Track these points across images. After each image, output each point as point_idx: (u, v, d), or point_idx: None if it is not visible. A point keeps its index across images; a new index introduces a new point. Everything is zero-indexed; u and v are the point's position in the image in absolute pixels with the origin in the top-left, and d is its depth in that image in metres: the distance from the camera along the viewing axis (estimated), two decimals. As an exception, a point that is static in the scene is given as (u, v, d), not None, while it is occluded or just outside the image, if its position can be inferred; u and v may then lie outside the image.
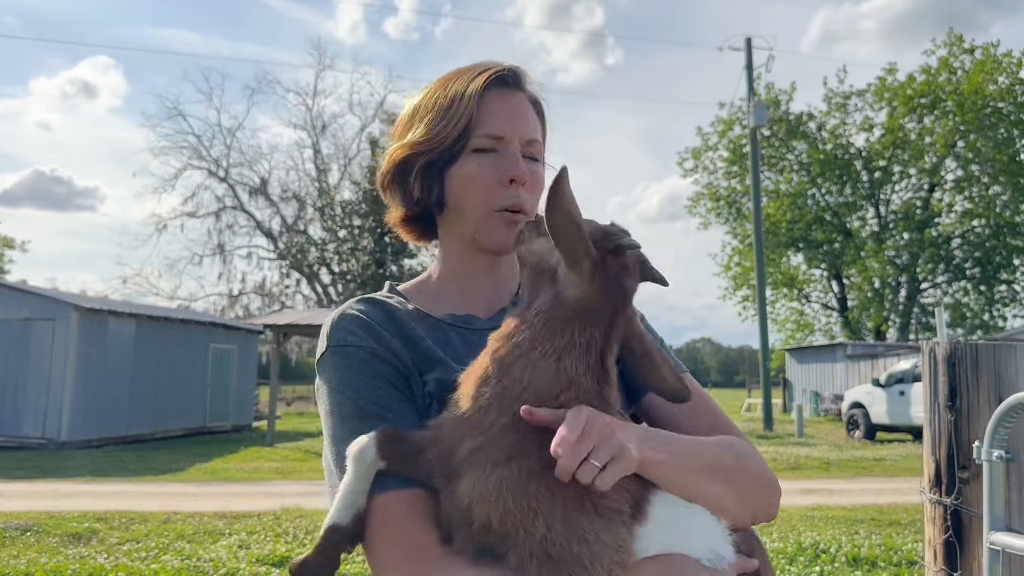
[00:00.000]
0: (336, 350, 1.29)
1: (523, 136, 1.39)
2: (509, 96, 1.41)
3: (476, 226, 1.39)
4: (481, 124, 1.37)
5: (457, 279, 1.45)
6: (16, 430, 16.47)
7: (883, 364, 25.37)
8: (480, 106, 1.37)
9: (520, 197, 1.37)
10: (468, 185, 1.37)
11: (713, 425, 1.35)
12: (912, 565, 6.27)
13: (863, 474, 12.88)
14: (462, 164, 1.37)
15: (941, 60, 35.43)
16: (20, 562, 6.23)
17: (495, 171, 1.37)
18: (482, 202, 1.37)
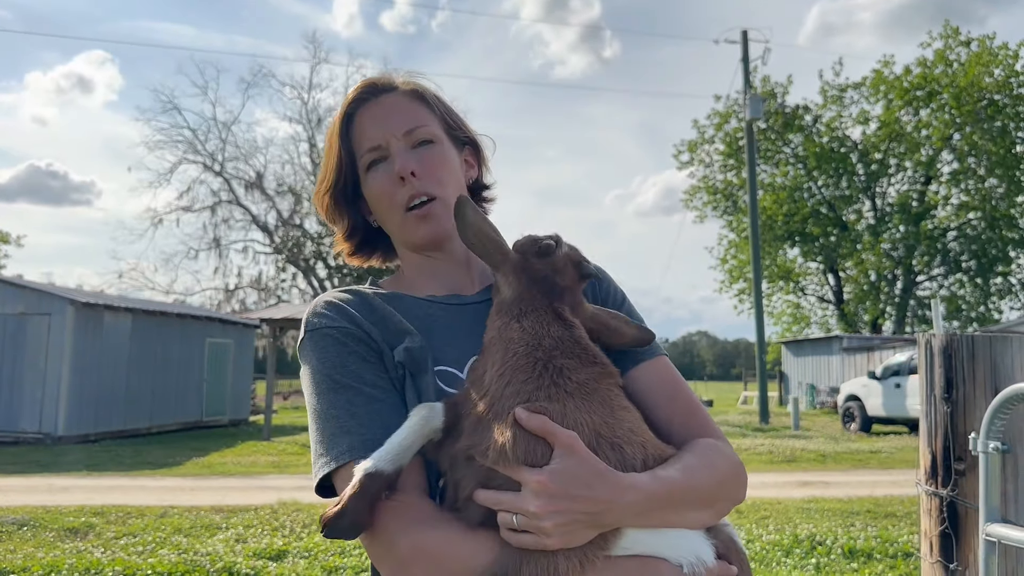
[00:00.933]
0: (312, 334, 1.35)
1: (398, 131, 1.45)
2: (376, 104, 1.48)
3: (399, 233, 1.48)
4: (361, 143, 1.46)
5: (425, 273, 1.50)
6: (12, 425, 16.46)
7: (879, 357, 25.43)
8: (354, 130, 1.47)
9: (416, 186, 1.42)
10: (376, 200, 1.47)
11: (689, 411, 1.38)
12: (908, 557, 6.28)
13: (859, 466, 12.92)
14: (365, 185, 1.47)
15: (937, 53, 35.45)
16: (17, 557, 6.22)
17: (387, 178, 1.43)
18: (391, 209, 1.44)
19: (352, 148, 1.47)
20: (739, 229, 37.22)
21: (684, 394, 1.42)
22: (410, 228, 1.44)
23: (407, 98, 1.49)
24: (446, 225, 1.42)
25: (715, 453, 1.31)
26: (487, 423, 1.14)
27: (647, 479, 1.14)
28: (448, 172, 1.47)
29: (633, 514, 1.12)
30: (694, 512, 1.20)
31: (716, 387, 64.14)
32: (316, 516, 7.68)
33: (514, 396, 1.15)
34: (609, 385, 1.24)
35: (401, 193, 1.42)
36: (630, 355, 1.41)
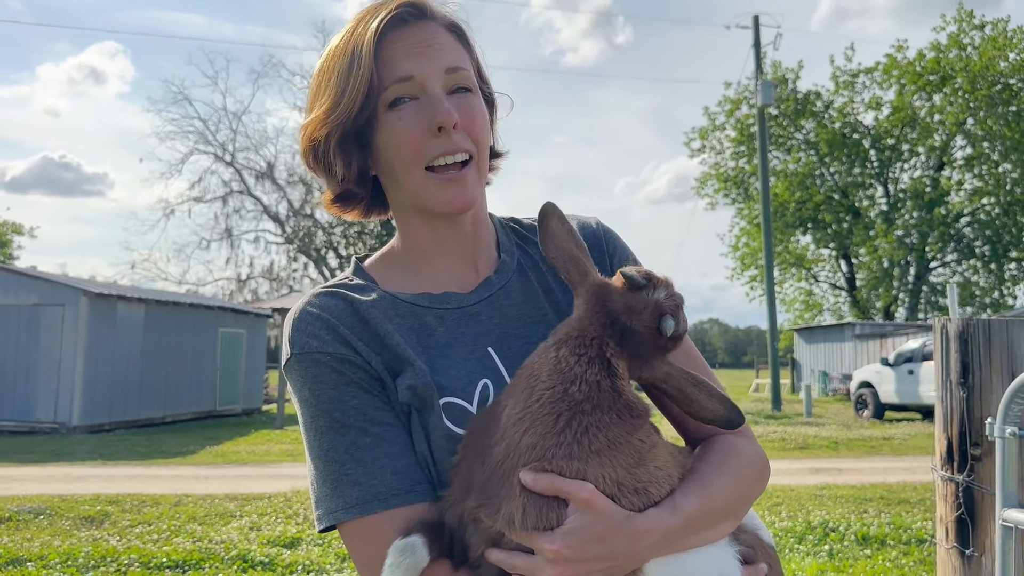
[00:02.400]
0: (301, 358, 1.18)
1: (439, 67, 1.20)
2: (413, 30, 1.22)
3: (414, 192, 1.22)
4: (387, 72, 1.19)
5: (422, 251, 1.30)
6: (28, 415, 16.59)
7: (892, 343, 25.32)
8: (381, 54, 1.19)
9: (453, 140, 1.18)
10: (394, 147, 1.20)
11: None
12: (922, 543, 6.27)
13: (872, 453, 12.88)
14: (381, 125, 1.20)
15: (951, 37, 35.13)
16: (34, 545, 6.28)
17: (418, 122, 1.18)
18: (413, 162, 1.19)
19: (375, 76, 1.18)
20: (751, 216, 37.05)
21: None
22: (432, 190, 1.20)
23: (447, 31, 1.25)
24: (474, 195, 1.23)
25: (735, 458, 1.22)
26: (498, 479, 1.05)
27: (666, 515, 1.08)
28: (485, 132, 1.25)
29: (653, 553, 1.08)
30: (716, 528, 1.15)
31: (728, 375, 64.05)
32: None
33: (529, 451, 1.04)
34: (641, 435, 1.12)
35: (433, 145, 1.18)
36: None
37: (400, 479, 1.14)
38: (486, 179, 1.30)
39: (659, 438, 1.15)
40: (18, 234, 50.44)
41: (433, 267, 1.30)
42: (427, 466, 1.16)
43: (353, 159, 1.24)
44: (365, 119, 1.20)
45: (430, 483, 1.16)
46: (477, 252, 1.32)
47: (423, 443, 1.16)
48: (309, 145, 1.26)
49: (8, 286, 17.15)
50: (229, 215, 38.44)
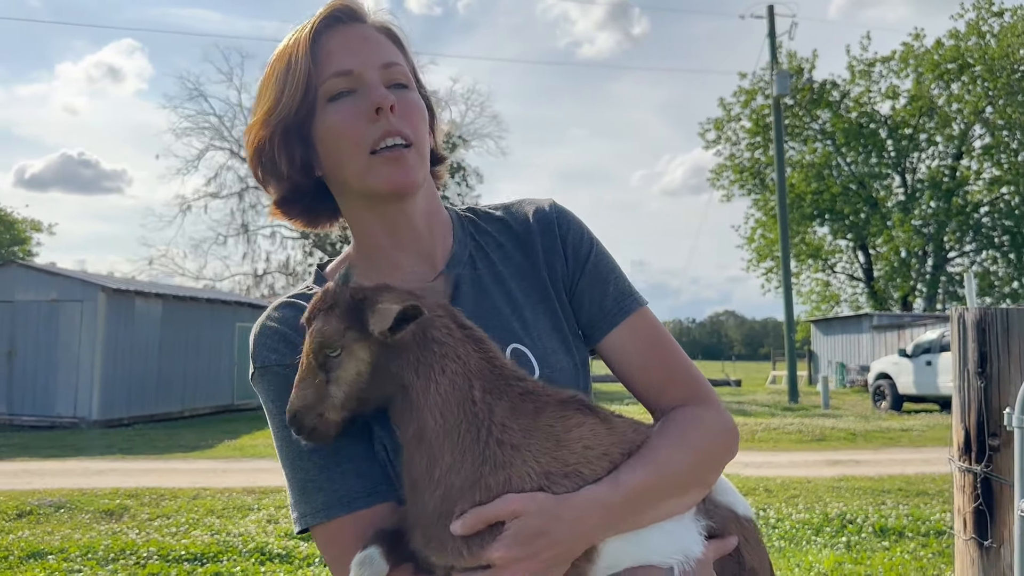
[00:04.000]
0: (263, 372, 1.26)
1: (376, 62, 1.24)
2: (347, 30, 1.26)
3: (359, 177, 1.23)
4: (325, 67, 1.23)
5: (376, 247, 1.32)
6: (48, 410, 16.74)
7: (910, 334, 25.15)
8: (318, 51, 1.23)
9: (391, 122, 1.21)
10: (335, 137, 1.23)
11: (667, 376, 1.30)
12: (940, 535, 6.23)
13: (890, 445, 12.81)
14: (321, 118, 1.23)
15: (969, 24, 34.75)
16: (55, 538, 6.33)
17: (356, 110, 1.22)
18: (354, 148, 1.22)
19: (313, 72, 1.23)
20: (767, 208, 36.84)
21: (659, 357, 1.32)
22: (376, 172, 1.21)
23: (381, 33, 1.30)
24: (417, 176, 1.24)
25: (690, 427, 1.23)
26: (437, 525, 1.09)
27: (606, 491, 1.10)
28: (423, 124, 1.28)
29: (602, 530, 1.10)
30: (674, 500, 1.17)
31: (744, 367, 63.82)
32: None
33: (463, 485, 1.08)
34: (549, 415, 1.15)
35: (372, 130, 1.21)
36: (604, 316, 1.32)
37: (362, 482, 1.19)
38: (427, 168, 1.31)
39: (585, 417, 1.17)
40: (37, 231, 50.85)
41: (390, 263, 1.31)
42: (387, 464, 1.20)
43: (296, 153, 1.26)
44: (305, 114, 1.23)
45: (391, 482, 1.20)
46: (432, 245, 1.33)
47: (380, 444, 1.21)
48: (255, 151, 1.29)
49: (28, 282, 17.29)
50: (245, 210, 38.54)
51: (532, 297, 1.33)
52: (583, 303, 1.34)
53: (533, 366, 1.26)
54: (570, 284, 1.34)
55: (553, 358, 1.28)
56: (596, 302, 1.33)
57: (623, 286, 1.35)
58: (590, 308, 1.33)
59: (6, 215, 49.51)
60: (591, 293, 1.33)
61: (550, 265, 1.34)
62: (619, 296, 1.33)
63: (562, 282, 1.34)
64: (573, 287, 1.34)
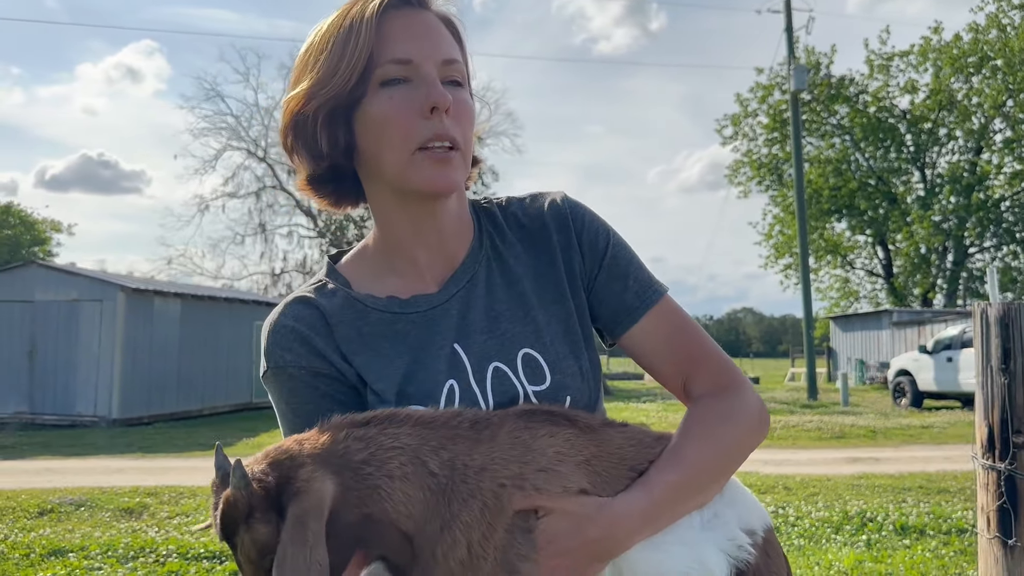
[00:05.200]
0: (277, 372, 1.21)
1: (437, 56, 1.18)
2: (413, 15, 1.20)
3: (399, 171, 1.18)
4: (384, 51, 1.16)
5: (398, 241, 1.27)
6: (69, 409, 16.89)
7: (930, 331, 24.94)
8: (380, 31, 1.16)
9: (444, 124, 1.15)
10: (381, 125, 1.16)
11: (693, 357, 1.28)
12: (962, 533, 6.17)
13: (910, 442, 12.71)
14: (370, 102, 1.17)
15: (989, 17, 34.39)
16: (75, 536, 6.38)
17: (410, 103, 1.15)
18: (401, 142, 1.16)
19: (373, 53, 1.16)
20: (784, 204, 36.65)
21: (683, 345, 1.28)
22: (418, 169, 1.16)
23: (443, 25, 1.24)
24: (458, 180, 1.20)
25: (716, 418, 1.22)
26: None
27: (640, 496, 1.10)
28: (472, 127, 1.24)
29: (638, 535, 1.10)
30: (701, 496, 1.16)
31: (762, 364, 63.55)
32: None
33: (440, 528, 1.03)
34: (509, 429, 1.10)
35: (423, 127, 1.15)
36: (626, 311, 1.29)
37: None
38: (468, 172, 1.26)
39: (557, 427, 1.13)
40: (57, 231, 51.36)
41: (407, 258, 1.27)
42: None
43: (340, 134, 1.20)
44: (359, 94, 1.17)
45: None
46: (454, 245, 1.29)
47: None
48: (292, 120, 1.22)
49: (48, 283, 17.44)
50: (262, 210, 38.72)
51: (546, 298, 1.29)
52: (603, 299, 1.31)
53: (544, 372, 1.23)
54: (588, 281, 1.31)
55: (564, 363, 1.25)
56: (616, 297, 1.30)
57: (643, 277, 1.31)
58: (610, 303, 1.30)
59: (26, 216, 50.03)
60: (611, 288, 1.30)
61: (567, 263, 1.31)
62: (639, 289, 1.30)
63: (580, 279, 1.31)
64: (591, 283, 1.31)
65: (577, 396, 1.24)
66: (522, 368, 1.23)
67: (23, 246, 47.93)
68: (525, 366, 1.23)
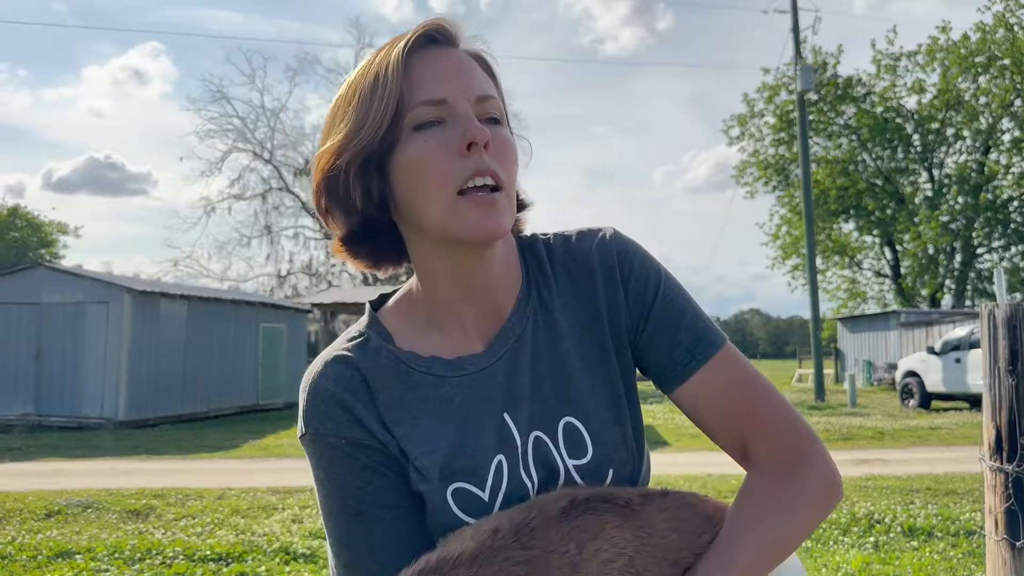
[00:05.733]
0: (316, 438, 1.14)
1: (471, 94, 1.10)
2: (442, 54, 1.13)
3: (440, 219, 1.08)
4: (414, 93, 1.09)
5: (439, 298, 1.18)
6: (75, 410, 16.94)
7: (938, 331, 24.87)
8: (408, 74, 1.10)
9: (484, 162, 1.07)
10: (417, 170, 1.08)
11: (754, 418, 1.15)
12: (971, 535, 6.14)
13: (918, 443, 12.66)
14: (403, 149, 1.09)
15: (997, 17, 34.29)
16: (82, 538, 6.39)
17: (446, 143, 1.07)
18: (439, 185, 1.07)
19: (403, 97, 1.09)
20: (791, 204, 36.59)
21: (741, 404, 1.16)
22: (462, 216, 1.07)
23: (475, 61, 1.17)
24: (506, 223, 1.09)
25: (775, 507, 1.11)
26: None
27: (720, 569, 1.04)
28: (515, 167, 1.15)
29: None
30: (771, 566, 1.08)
31: (770, 365, 63.40)
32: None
33: None
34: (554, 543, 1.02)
35: (462, 166, 1.06)
36: (674, 368, 1.18)
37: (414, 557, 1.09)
38: (514, 215, 1.16)
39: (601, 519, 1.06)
40: (63, 233, 51.57)
41: (452, 313, 1.19)
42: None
43: (373, 186, 1.12)
44: (391, 142, 1.09)
45: None
46: (503, 297, 1.20)
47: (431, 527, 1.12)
48: (324, 179, 1.15)
49: (54, 285, 17.50)
50: (268, 212, 38.96)
51: (590, 358, 1.19)
52: (650, 354, 1.19)
53: (586, 444, 1.15)
54: (634, 335, 1.20)
55: (607, 433, 1.17)
56: (664, 353, 1.18)
57: (696, 329, 1.18)
58: (658, 359, 1.19)
59: (33, 218, 50.25)
60: (657, 342, 1.18)
61: (613, 318, 1.20)
62: (691, 343, 1.17)
63: (626, 335, 1.21)
64: (637, 337, 1.20)
65: (620, 468, 1.16)
66: (563, 439, 1.15)
67: (30, 248, 48.14)
68: (566, 437, 1.15)
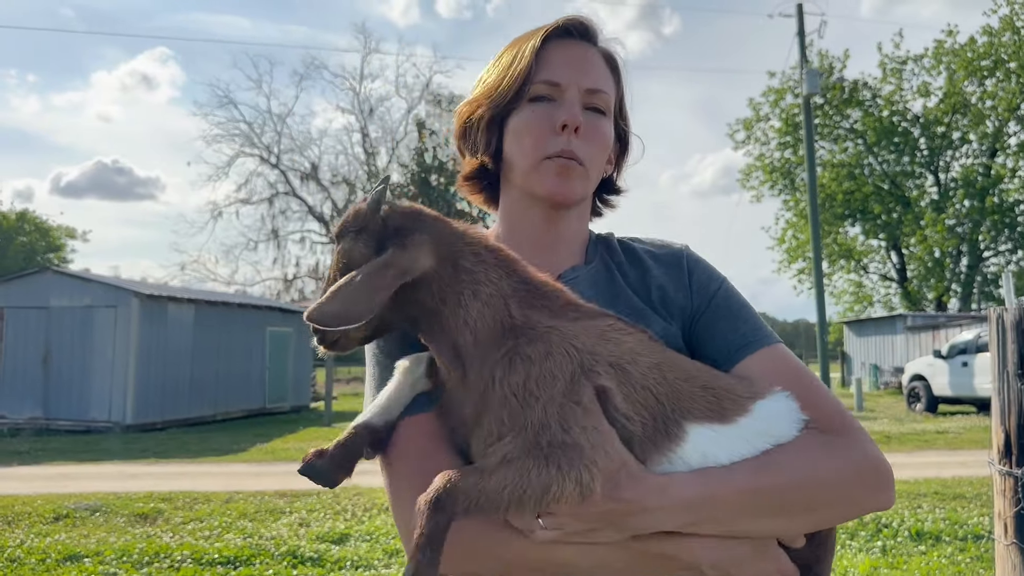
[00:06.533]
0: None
1: (583, 84, 1.32)
2: (573, 46, 1.36)
3: (526, 175, 1.33)
4: (540, 72, 1.32)
5: (516, 245, 1.31)
6: (83, 414, 16.97)
7: (945, 335, 24.79)
8: (540, 56, 1.33)
9: (572, 144, 1.29)
10: (520, 132, 1.32)
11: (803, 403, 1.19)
12: (979, 539, 6.12)
13: (925, 447, 12.62)
14: (518, 113, 1.33)
15: (1004, 20, 34.19)
16: (90, 541, 6.41)
17: (547, 118, 1.30)
18: (532, 150, 1.31)
19: (531, 73, 1.32)
20: (797, 208, 36.50)
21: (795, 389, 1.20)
22: (542, 175, 1.31)
23: (603, 60, 1.38)
24: (576, 193, 1.33)
25: (823, 449, 1.14)
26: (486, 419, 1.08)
27: (693, 484, 1.06)
28: (603, 153, 1.36)
29: (668, 520, 1.05)
30: (776, 519, 1.10)
31: (776, 369, 63.23)
32: (377, 500, 7.77)
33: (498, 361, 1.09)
34: (589, 319, 1.15)
35: (553, 141, 1.30)
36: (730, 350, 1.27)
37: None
38: (589, 190, 1.38)
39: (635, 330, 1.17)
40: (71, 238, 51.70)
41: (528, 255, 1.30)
42: None
43: (493, 137, 1.37)
44: (512, 106, 1.33)
45: None
46: (569, 257, 1.39)
47: None
48: (463, 123, 1.41)
49: (62, 289, 17.55)
50: (275, 216, 38.91)
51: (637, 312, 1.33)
52: (711, 336, 1.31)
53: None
54: (693, 317, 1.34)
55: None
56: (724, 335, 1.30)
57: (756, 323, 1.32)
58: (716, 341, 1.30)
59: (41, 223, 50.40)
60: (718, 326, 1.32)
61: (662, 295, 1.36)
62: (749, 330, 1.30)
63: (678, 316, 1.34)
64: (697, 318, 1.34)
65: None
66: None
67: (38, 253, 48.26)
68: None
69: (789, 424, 1.16)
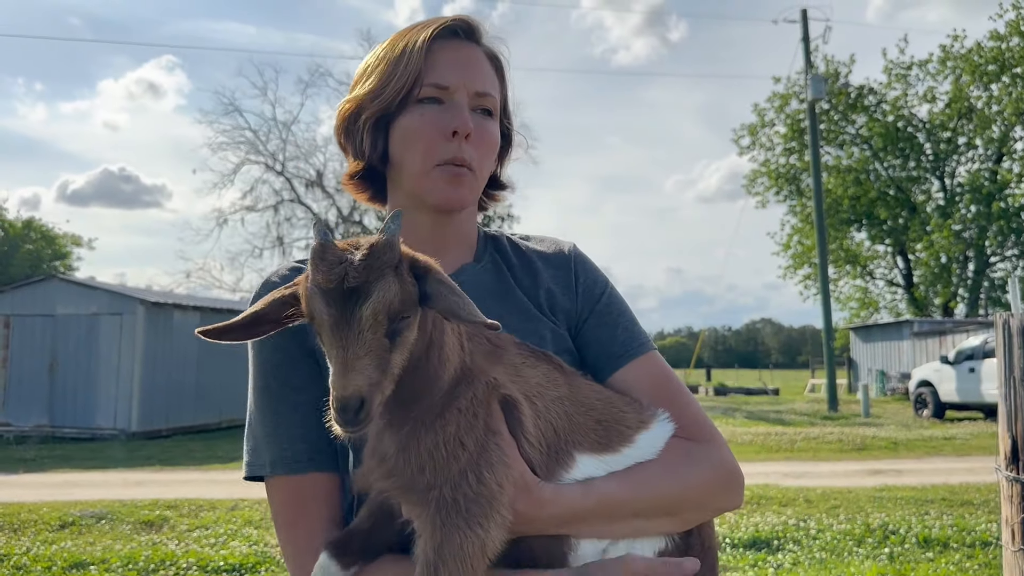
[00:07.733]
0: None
1: (472, 87, 1.33)
2: (460, 47, 1.36)
3: (416, 180, 1.33)
4: (428, 75, 1.32)
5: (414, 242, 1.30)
6: (89, 421, 17.00)
7: (951, 341, 24.71)
8: (428, 57, 1.32)
9: (463, 150, 1.31)
10: (409, 137, 1.32)
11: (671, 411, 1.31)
12: (986, 546, 6.09)
13: (932, 453, 12.57)
14: (406, 115, 1.32)
15: (1010, 24, 34.13)
16: (96, 549, 6.41)
17: (437, 123, 1.31)
18: (422, 156, 1.31)
19: (419, 74, 1.32)
20: (803, 214, 36.45)
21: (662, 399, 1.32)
22: (432, 184, 1.32)
23: (488, 60, 1.39)
24: (467, 199, 1.35)
25: (685, 459, 1.26)
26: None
27: (576, 493, 1.15)
28: (491, 154, 1.39)
29: (555, 527, 1.14)
30: (643, 521, 1.20)
31: (782, 375, 63.14)
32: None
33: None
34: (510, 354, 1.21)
35: (444, 148, 1.30)
36: (609, 358, 1.35)
37: (305, 448, 1.28)
38: (478, 194, 1.40)
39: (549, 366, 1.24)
40: (77, 246, 51.80)
41: None
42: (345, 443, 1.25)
43: (379, 140, 1.36)
44: (398, 108, 1.32)
45: (333, 455, 1.29)
46: (457, 256, 1.42)
47: None
48: (344, 120, 1.39)
49: (68, 297, 17.60)
50: (280, 223, 38.88)
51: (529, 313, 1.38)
52: (590, 342, 1.38)
53: None
54: (577, 322, 1.40)
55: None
56: (603, 342, 1.37)
57: (634, 330, 1.39)
58: (596, 348, 1.37)
59: (48, 230, 50.51)
60: (599, 333, 1.38)
61: (550, 299, 1.40)
62: (627, 339, 1.38)
63: (564, 319, 1.39)
64: (581, 325, 1.40)
65: None
66: None
67: (44, 260, 48.37)
68: None
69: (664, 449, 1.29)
